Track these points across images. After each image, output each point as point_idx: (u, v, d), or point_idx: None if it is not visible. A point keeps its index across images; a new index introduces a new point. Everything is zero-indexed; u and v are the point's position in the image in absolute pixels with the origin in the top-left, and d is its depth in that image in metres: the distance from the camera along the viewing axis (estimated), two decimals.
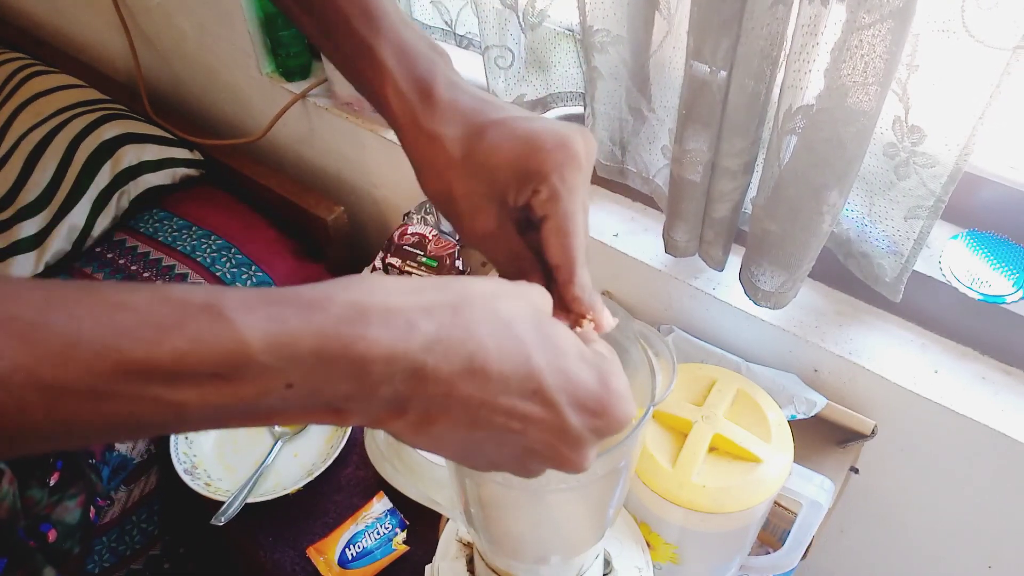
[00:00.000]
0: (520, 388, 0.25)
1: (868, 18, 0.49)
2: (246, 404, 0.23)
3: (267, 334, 0.22)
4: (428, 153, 0.33)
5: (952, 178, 0.55)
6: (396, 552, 0.76)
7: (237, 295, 0.23)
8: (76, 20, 1.38)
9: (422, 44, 0.34)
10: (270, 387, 0.23)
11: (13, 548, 0.51)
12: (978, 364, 0.67)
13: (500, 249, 0.33)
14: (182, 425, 0.23)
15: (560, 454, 0.27)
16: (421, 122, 0.33)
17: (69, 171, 1.08)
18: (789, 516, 0.66)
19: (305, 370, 0.23)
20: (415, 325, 0.24)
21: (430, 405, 0.25)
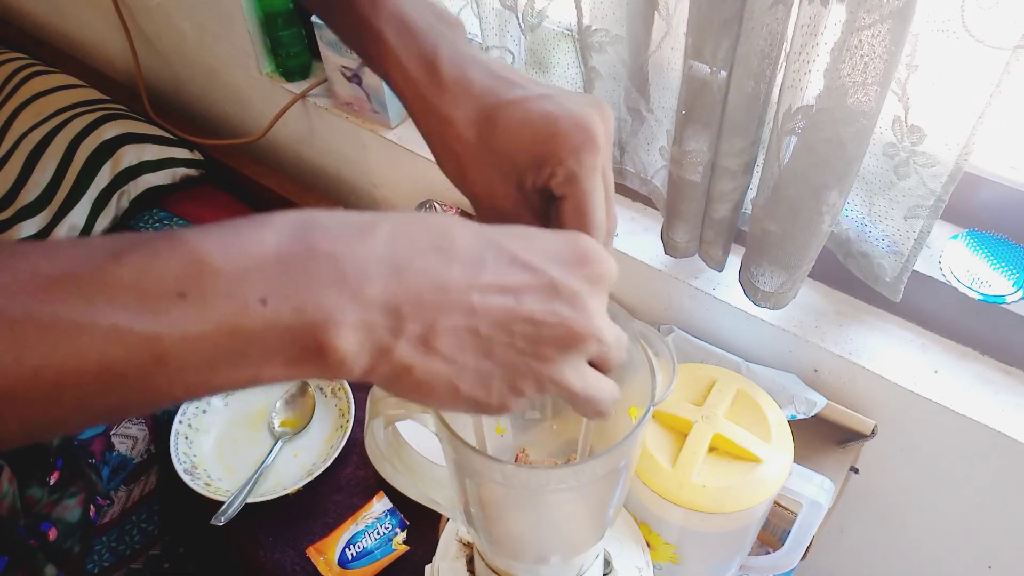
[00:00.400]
0: (498, 262, 0.26)
1: (868, 18, 0.49)
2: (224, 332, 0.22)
3: (223, 245, 0.22)
4: (441, 134, 0.32)
5: (952, 178, 0.55)
6: (396, 552, 0.76)
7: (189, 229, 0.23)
8: (76, 20, 1.38)
9: (427, 15, 0.33)
10: (242, 304, 0.22)
11: (14, 547, 0.51)
12: (978, 364, 0.67)
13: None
14: (165, 371, 0.21)
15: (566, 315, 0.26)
16: (431, 102, 0.32)
17: (69, 171, 1.08)
18: (789, 516, 0.66)
19: (274, 278, 0.22)
20: (370, 229, 0.24)
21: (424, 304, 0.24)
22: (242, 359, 0.22)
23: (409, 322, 0.24)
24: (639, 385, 0.41)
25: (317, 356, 0.23)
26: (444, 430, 0.38)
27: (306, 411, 0.88)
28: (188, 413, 0.87)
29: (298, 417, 0.87)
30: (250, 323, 0.22)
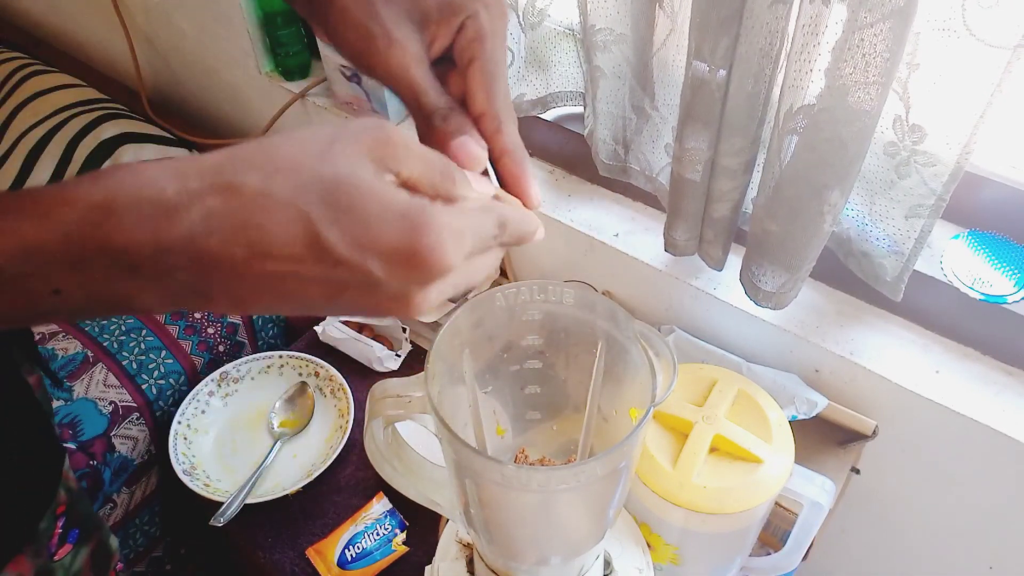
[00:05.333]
0: (318, 261, 0.24)
1: (869, 17, 0.49)
2: (21, 310, 0.23)
3: (4, 246, 0.22)
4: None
5: (953, 177, 0.55)
6: (396, 553, 0.75)
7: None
8: (75, 19, 1.38)
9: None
10: (35, 294, 0.23)
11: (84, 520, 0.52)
12: (979, 364, 0.67)
13: (428, 82, 0.30)
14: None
15: (386, 307, 0.26)
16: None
17: (68, 170, 1.07)
18: (790, 517, 0.65)
19: (65, 274, 0.23)
20: (174, 214, 0.23)
21: (232, 288, 0.24)
22: (44, 319, 0.24)
23: (218, 297, 0.24)
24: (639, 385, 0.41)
25: (120, 313, 0.25)
26: (444, 431, 0.38)
27: (305, 411, 0.88)
28: (187, 414, 0.87)
29: (297, 417, 0.87)
30: (47, 305, 0.23)
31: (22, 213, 0.23)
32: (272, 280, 0.24)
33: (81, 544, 0.52)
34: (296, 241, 0.24)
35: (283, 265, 0.24)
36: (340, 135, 0.25)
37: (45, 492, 0.48)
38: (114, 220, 0.23)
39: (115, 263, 0.23)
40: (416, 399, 0.41)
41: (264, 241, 0.23)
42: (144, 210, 0.23)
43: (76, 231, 0.22)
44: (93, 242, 0.23)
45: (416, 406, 0.41)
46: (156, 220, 0.23)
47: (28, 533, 0.46)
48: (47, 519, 0.48)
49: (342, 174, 0.24)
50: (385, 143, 0.25)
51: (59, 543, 0.49)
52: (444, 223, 0.25)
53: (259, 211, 0.23)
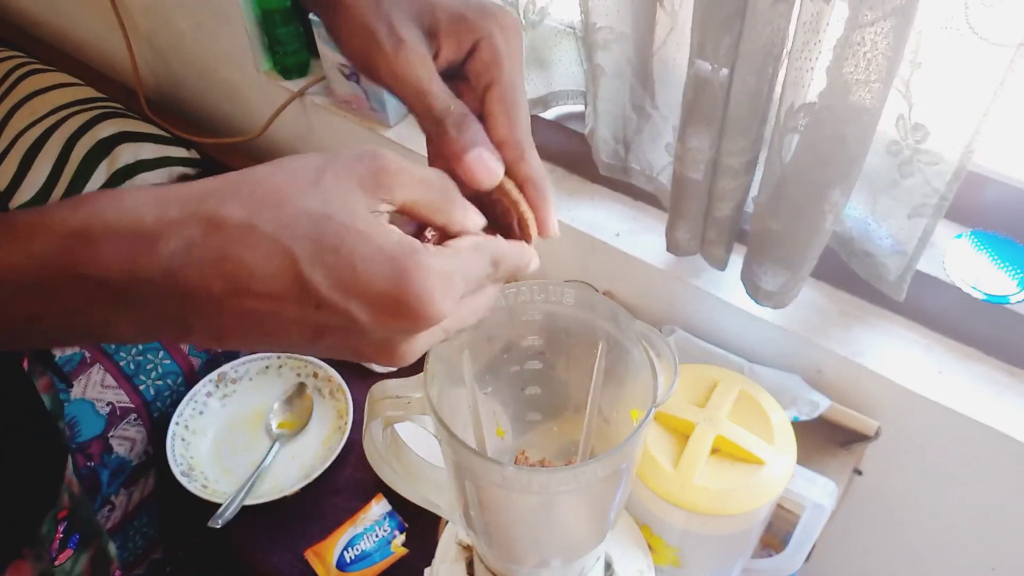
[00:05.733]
0: (299, 305, 0.23)
1: (871, 15, 0.48)
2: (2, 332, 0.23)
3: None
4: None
5: (956, 176, 0.55)
6: (395, 555, 0.75)
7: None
8: (73, 18, 1.38)
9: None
10: (10, 320, 0.22)
11: (85, 525, 0.51)
12: (982, 365, 0.66)
13: (438, 87, 0.29)
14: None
15: (368, 354, 0.25)
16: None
17: (65, 170, 1.07)
18: (792, 518, 0.65)
19: (39, 301, 0.22)
20: (152, 244, 0.22)
21: (211, 322, 0.23)
22: (22, 343, 0.24)
23: (197, 330, 0.24)
24: (640, 386, 0.41)
25: (97, 341, 0.24)
26: (444, 432, 0.38)
27: (304, 413, 0.87)
28: (185, 414, 0.86)
29: (296, 419, 0.87)
30: (22, 330, 0.23)
31: (1, 239, 0.22)
32: (251, 317, 0.23)
33: (82, 550, 0.51)
34: (277, 279, 0.23)
35: (263, 303, 0.23)
36: (331, 165, 0.24)
37: (46, 495, 0.48)
38: (91, 249, 0.22)
39: (91, 292, 0.22)
40: (415, 400, 0.40)
41: (243, 277, 0.22)
42: (122, 239, 0.22)
43: (52, 259, 0.22)
44: (69, 270, 0.22)
45: (415, 407, 0.41)
46: (133, 249, 0.22)
47: (28, 537, 0.46)
48: (48, 523, 0.47)
49: (331, 210, 0.23)
50: (379, 171, 0.24)
51: (60, 548, 0.49)
52: (433, 269, 0.24)
53: (241, 245, 0.22)
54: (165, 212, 0.23)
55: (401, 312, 0.23)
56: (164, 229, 0.22)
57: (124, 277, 0.22)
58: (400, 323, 0.24)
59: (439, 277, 0.24)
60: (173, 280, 0.22)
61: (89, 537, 0.53)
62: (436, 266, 0.24)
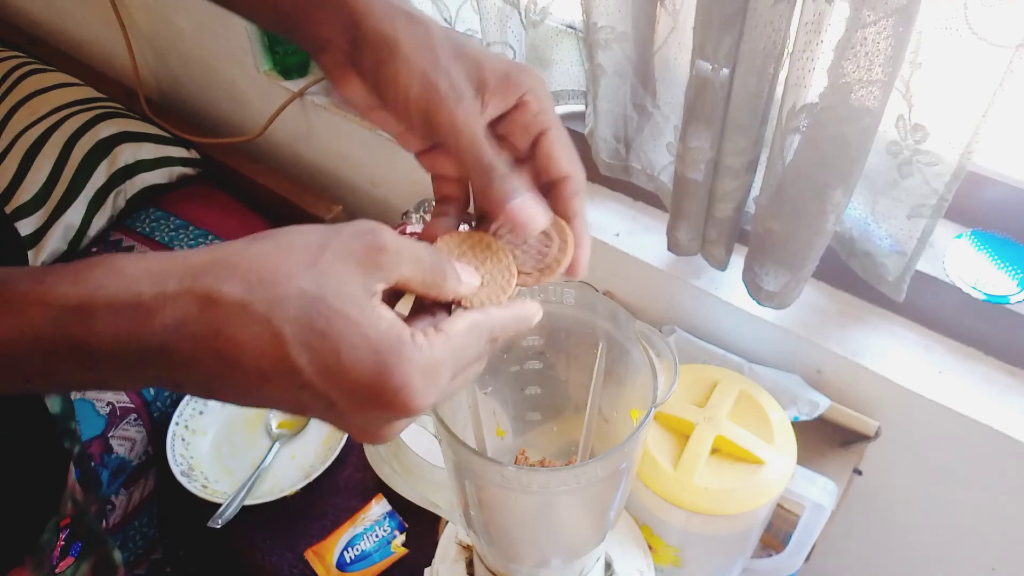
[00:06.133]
0: (285, 384, 0.24)
1: (871, 15, 0.48)
2: (7, 385, 0.24)
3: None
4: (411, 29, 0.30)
5: (956, 177, 0.55)
6: (395, 555, 0.75)
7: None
8: (73, 18, 1.38)
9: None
10: (7, 381, 0.23)
11: (86, 533, 0.52)
12: (982, 365, 0.66)
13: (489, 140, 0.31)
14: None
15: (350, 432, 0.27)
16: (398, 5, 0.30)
17: (65, 170, 1.07)
18: (792, 518, 0.65)
19: (35, 367, 0.23)
20: (148, 318, 0.23)
21: (203, 386, 0.25)
22: (24, 391, 0.25)
23: (189, 388, 0.25)
24: (640, 386, 0.41)
25: (106, 389, 0.26)
26: (444, 432, 0.38)
27: None
28: (185, 414, 0.86)
29: (296, 418, 0.87)
30: (19, 390, 0.24)
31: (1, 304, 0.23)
32: (240, 388, 0.24)
33: (83, 558, 0.51)
34: (265, 357, 0.23)
35: (250, 378, 0.24)
36: (332, 242, 0.25)
37: (47, 503, 0.48)
38: (87, 323, 0.23)
39: (85, 360, 0.23)
40: None
41: (233, 354, 0.23)
42: (120, 314, 0.23)
43: (48, 333, 0.23)
44: (64, 342, 0.23)
45: None
46: (130, 324, 0.23)
47: (29, 544, 0.46)
48: (49, 531, 0.47)
49: (326, 291, 0.24)
50: (378, 250, 0.25)
51: (61, 556, 0.49)
52: (417, 363, 0.24)
53: (233, 323, 0.23)
54: (163, 286, 0.23)
55: (380, 403, 0.24)
56: (161, 304, 0.23)
57: (119, 349, 0.23)
58: (377, 412, 0.25)
59: (422, 371, 0.25)
60: (167, 352, 0.23)
61: (92, 545, 0.53)
62: (420, 360, 0.25)
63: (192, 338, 0.23)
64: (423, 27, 0.30)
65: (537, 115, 0.31)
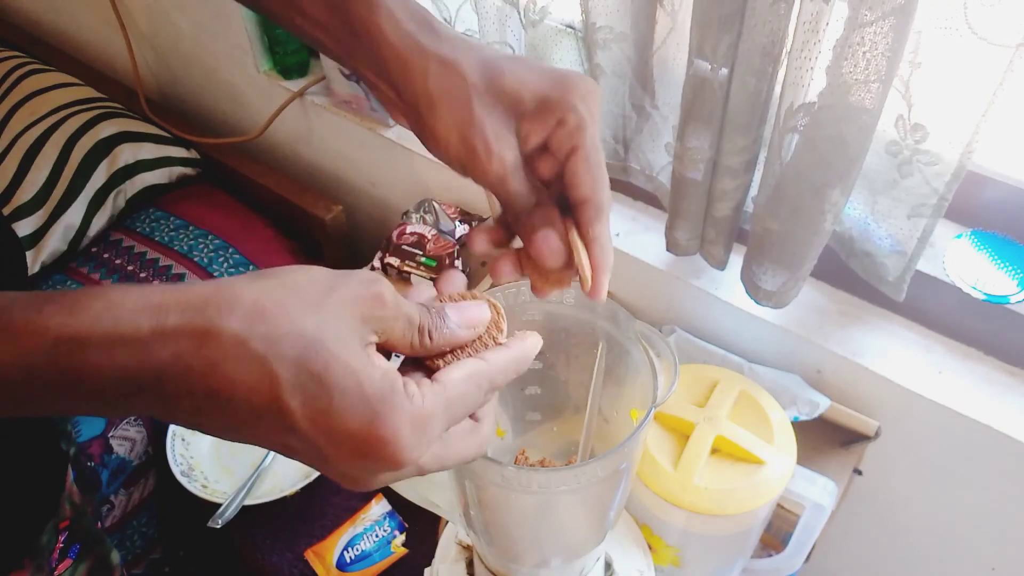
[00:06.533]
0: (274, 424, 0.24)
1: (870, 15, 0.48)
2: (8, 409, 0.24)
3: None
4: (445, 81, 0.30)
5: (955, 176, 0.55)
6: (395, 555, 0.75)
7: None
8: (73, 18, 1.38)
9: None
10: (15, 401, 0.23)
11: (84, 535, 0.52)
12: (982, 365, 0.66)
13: (520, 186, 0.31)
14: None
15: (337, 479, 0.26)
16: (429, 49, 0.30)
17: (65, 170, 1.07)
18: (792, 518, 0.65)
19: (29, 394, 0.23)
20: (143, 352, 0.23)
21: (192, 420, 0.25)
22: (18, 413, 0.25)
23: (178, 422, 0.25)
24: (640, 386, 0.41)
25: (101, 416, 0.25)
26: None
27: None
28: None
29: None
30: (7, 414, 0.24)
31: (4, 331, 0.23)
32: (229, 425, 0.24)
33: (81, 559, 0.51)
34: (258, 397, 0.23)
35: (239, 418, 0.24)
36: (338, 286, 0.25)
37: (46, 505, 0.48)
38: (81, 355, 0.23)
39: (76, 391, 0.23)
40: None
41: (227, 391, 0.23)
42: (116, 348, 0.23)
43: (41, 363, 0.23)
44: (57, 373, 0.23)
45: None
46: (125, 358, 0.23)
47: (28, 547, 0.46)
48: (48, 533, 0.47)
49: (326, 335, 0.24)
50: (379, 304, 0.25)
51: (60, 558, 0.49)
52: (407, 414, 0.24)
53: (230, 360, 0.23)
54: (163, 321, 0.23)
55: (367, 454, 0.24)
56: (159, 338, 0.23)
57: (112, 382, 0.23)
58: (364, 464, 0.25)
59: (412, 423, 0.24)
60: (161, 386, 0.23)
61: (90, 547, 0.53)
62: (410, 410, 0.25)
63: (188, 373, 0.23)
64: (457, 73, 0.30)
65: (571, 134, 0.31)
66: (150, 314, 0.23)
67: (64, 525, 0.49)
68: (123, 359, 0.23)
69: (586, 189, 0.31)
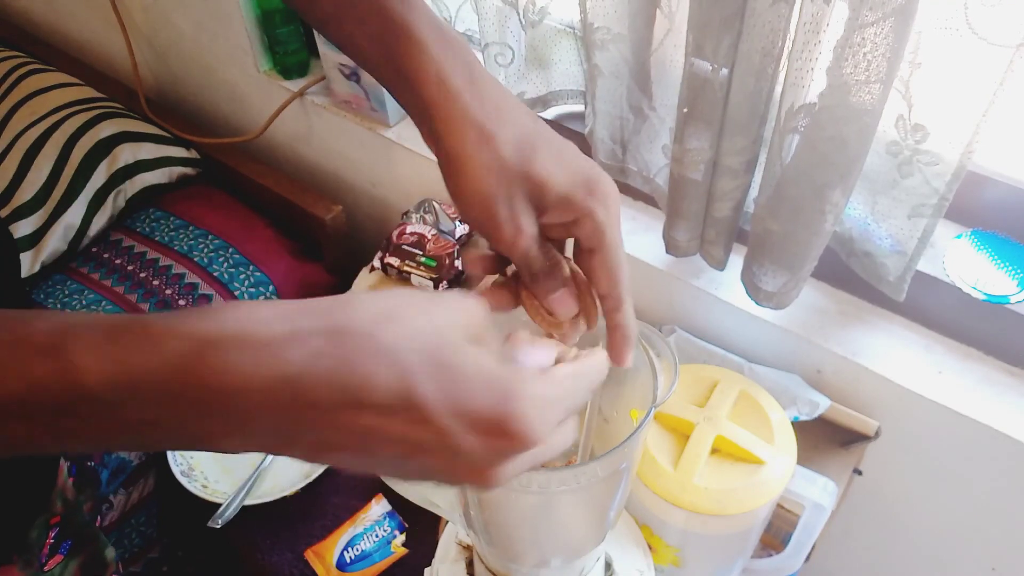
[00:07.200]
0: (407, 417, 0.24)
1: (871, 15, 0.48)
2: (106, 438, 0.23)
3: (106, 374, 0.22)
4: (480, 152, 0.31)
5: (956, 176, 0.55)
6: (395, 555, 0.75)
7: (85, 331, 0.23)
8: (73, 18, 1.38)
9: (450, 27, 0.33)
10: (124, 423, 0.23)
11: (77, 530, 0.52)
12: (982, 365, 0.66)
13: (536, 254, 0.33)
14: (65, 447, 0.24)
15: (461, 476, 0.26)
16: (472, 114, 0.31)
17: (65, 170, 1.07)
18: (792, 518, 0.65)
19: (157, 407, 0.23)
20: (279, 354, 0.23)
21: (316, 436, 0.24)
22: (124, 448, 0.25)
23: (299, 445, 0.25)
24: (640, 386, 0.41)
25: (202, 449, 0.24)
26: None
27: None
28: None
29: None
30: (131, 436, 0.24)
31: (133, 342, 0.23)
32: (357, 431, 0.24)
33: (72, 556, 0.51)
34: (392, 391, 0.24)
35: (372, 417, 0.24)
36: (440, 298, 0.27)
37: (36, 501, 0.48)
38: (219, 355, 0.23)
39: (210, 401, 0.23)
40: None
41: (360, 387, 0.23)
42: (250, 347, 0.23)
43: (181, 363, 0.23)
44: (195, 375, 0.23)
45: None
46: (260, 358, 0.23)
47: (17, 543, 0.46)
48: (38, 529, 0.47)
49: (443, 332, 0.25)
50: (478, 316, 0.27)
51: (50, 553, 0.49)
52: (534, 394, 0.25)
53: (363, 355, 0.24)
54: (296, 324, 0.24)
55: (502, 433, 0.25)
56: (295, 340, 0.23)
57: (245, 386, 0.23)
58: (498, 443, 0.25)
59: (540, 402, 0.25)
60: (293, 390, 0.23)
61: (82, 543, 0.52)
62: (538, 392, 0.26)
63: (321, 372, 0.23)
64: (493, 147, 0.31)
65: (590, 236, 0.32)
66: (283, 320, 0.24)
67: (55, 521, 0.49)
68: (258, 358, 0.23)
69: (604, 287, 0.33)
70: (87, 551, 0.54)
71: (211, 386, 0.23)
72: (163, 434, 0.24)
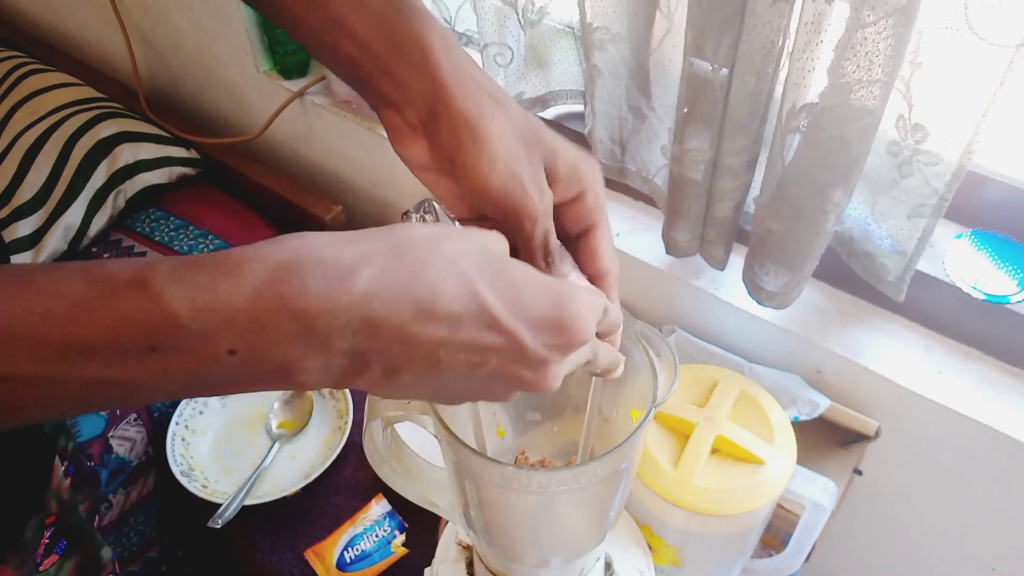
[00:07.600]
0: (474, 322, 0.25)
1: (871, 15, 0.48)
2: (194, 374, 0.23)
3: (195, 303, 0.22)
4: (496, 116, 0.31)
5: (956, 176, 0.55)
6: (395, 555, 0.75)
7: (166, 265, 0.23)
8: (73, 18, 1.38)
9: None
10: (212, 355, 0.23)
11: (72, 530, 0.51)
12: (982, 365, 0.66)
13: (549, 241, 0.33)
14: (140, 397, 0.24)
15: (524, 377, 0.28)
16: (478, 80, 0.31)
17: (65, 170, 1.07)
18: (792, 518, 0.65)
19: (244, 334, 0.23)
20: (353, 273, 0.24)
21: (390, 354, 0.25)
22: (208, 388, 0.24)
23: (374, 366, 0.25)
24: (640, 386, 0.41)
25: (280, 383, 0.25)
26: (444, 432, 0.38)
27: (304, 412, 0.87)
28: (185, 414, 0.86)
29: (296, 418, 0.87)
30: (218, 369, 0.23)
31: (216, 271, 0.23)
32: (429, 345, 0.25)
33: (68, 556, 0.51)
34: (458, 300, 0.25)
35: (442, 328, 0.25)
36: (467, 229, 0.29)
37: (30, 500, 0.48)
38: (298, 279, 0.23)
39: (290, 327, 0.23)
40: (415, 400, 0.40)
41: (430, 299, 0.25)
42: (326, 268, 0.24)
43: (265, 287, 0.23)
44: (279, 299, 0.23)
45: (415, 407, 0.41)
46: (334, 280, 0.24)
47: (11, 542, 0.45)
48: (33, 528, 0.47)
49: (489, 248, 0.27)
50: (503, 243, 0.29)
51: (45, 553, 0.49)
52: (583, 295, 0.28)
53: (428, 268, 0.25)
54: (359, 247, 0.25)
55: (560, 328, 0.27)
56: (362, 259, 0.24)
57: (324, 308, 0.23)
58: (559, 338, 0.27)
59: (588, 304, 0.28)
60: (364, 309, 0.24)
61: (78, 543, 0.52)
62: (584, 296, 0.28)
63: (391, 287, 0.24)
64: (503, 111, 0.31)
65: (591, 211, 0.33)
66: (349, 243, 0.25)
67: (50, 521, 0.49)
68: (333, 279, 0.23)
69: (606, 263, 0.34)
70: (83, 551, 0.53)
71: (294, 310, 0.23)
72: (246, 368, 0.24)
